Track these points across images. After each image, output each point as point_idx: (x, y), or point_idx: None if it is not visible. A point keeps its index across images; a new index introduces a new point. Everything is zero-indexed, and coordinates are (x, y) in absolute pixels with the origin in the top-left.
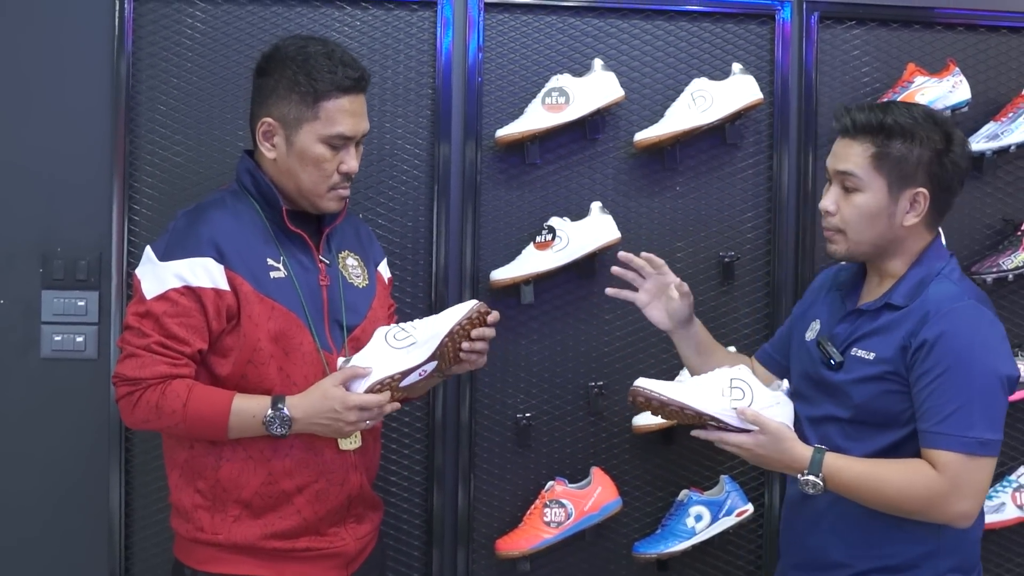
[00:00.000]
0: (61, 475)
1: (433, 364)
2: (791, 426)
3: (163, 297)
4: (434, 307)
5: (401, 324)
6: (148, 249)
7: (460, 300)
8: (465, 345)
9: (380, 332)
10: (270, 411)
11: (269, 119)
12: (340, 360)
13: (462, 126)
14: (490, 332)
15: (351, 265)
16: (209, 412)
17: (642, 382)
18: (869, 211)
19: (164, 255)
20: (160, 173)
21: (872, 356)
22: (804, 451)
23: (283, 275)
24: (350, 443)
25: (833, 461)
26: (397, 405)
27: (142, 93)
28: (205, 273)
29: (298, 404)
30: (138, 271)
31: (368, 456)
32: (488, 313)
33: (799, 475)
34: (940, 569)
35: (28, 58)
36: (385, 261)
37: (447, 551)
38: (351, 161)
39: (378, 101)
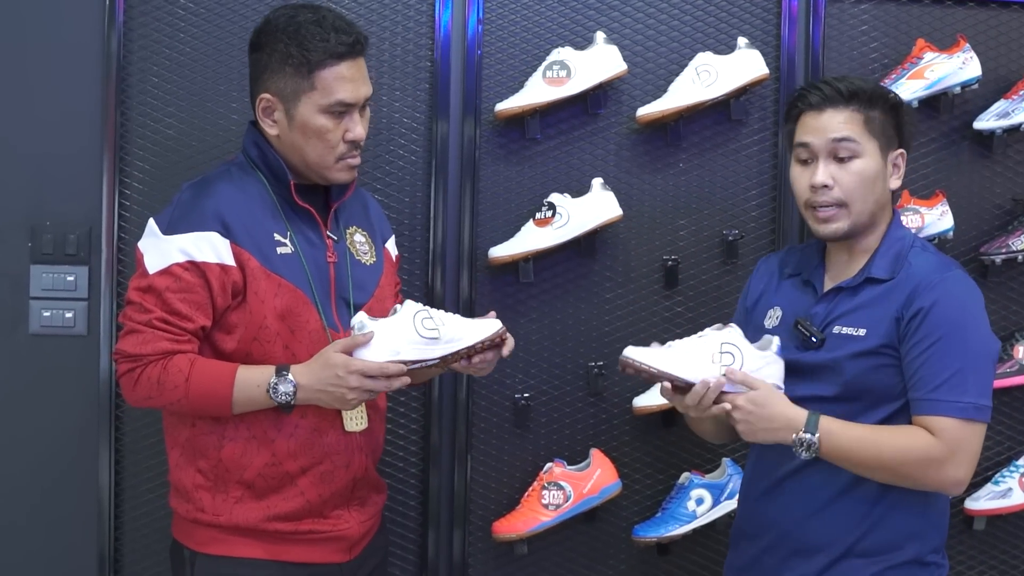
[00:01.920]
0: (50, 454)
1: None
2: (782, 385)
3: (166, 272)
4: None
5: (432, 312)
6: (151, 222)
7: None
8: (475, 359)
9: (410, 309)
10: (274, 377)
11: (267, 95)
12: (356, 320)
13: (461, 100)
14: (494, 356)
15: (359, 242)
16: (212, 384)
17: (631, 352)
18: (870, 176)
19: (168, 229)
20: (151, 146)
21: (863, 332)
22: (798, 412)
23: (290, 251)
24: (356, 424)
25: (829, 423)
26: (407, 380)
27: (133, 64)
28: (210, 248)
29: (302, 371)
30: (141, 244)
31: (374, 438)
32: (506, 338)
33: (794, 435)
34: (924, 550)
35: (18, 29)
36: (393, 238)
37: (443, 533)
38: (356, 128)
39: (375, 74)
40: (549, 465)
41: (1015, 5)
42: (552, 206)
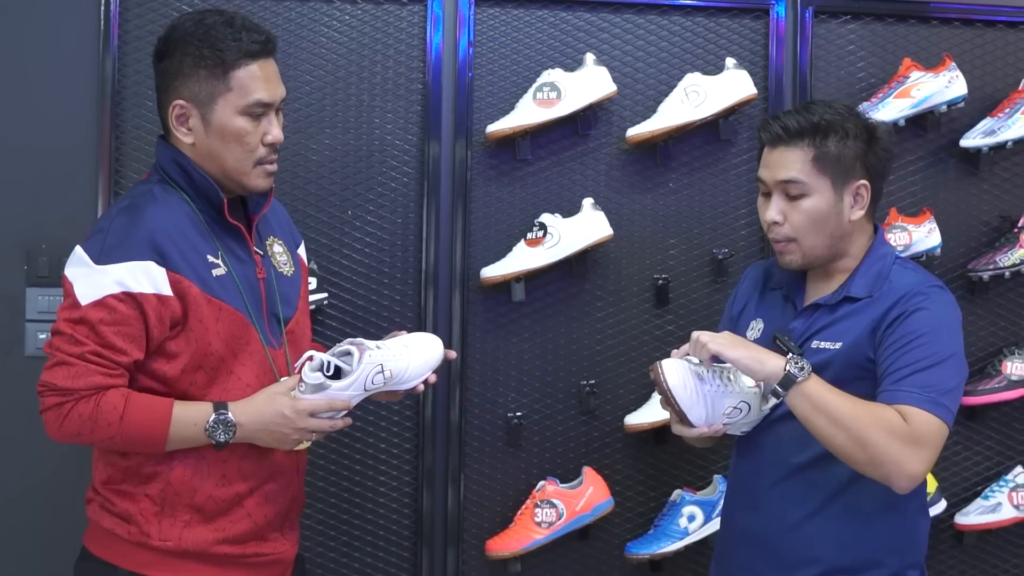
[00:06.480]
0: (44, 476)
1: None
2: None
3: (100, 304)
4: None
5: (384, 361)
6: (79, 249)
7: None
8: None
9: (365, 371)
10: (213, 416)
11: (180, 101)
12: (308, 367)
13: (452, 122)
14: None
15: (278, 252)
16: (148, 423)
17: (668, 370)
18: (819, 214)
19: (101, 258)
20: (146, 169)
21: (839, 345)
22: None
23: (224, 272)
24: (304, 443)
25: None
26: (348, 420)
27: (128, 88)
28: (147, 278)
29: (243, 409)
30: (69, 272)
31: (303, 458)
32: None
33: (786, 358)
34: (903, 565)
35: (12, 54)
36: (303, 244)
37: (437, 552)
38: (274, 129)
39: (367, 96)
40: (542, 483)
41: (1000, 24)
42: (543, 226)
